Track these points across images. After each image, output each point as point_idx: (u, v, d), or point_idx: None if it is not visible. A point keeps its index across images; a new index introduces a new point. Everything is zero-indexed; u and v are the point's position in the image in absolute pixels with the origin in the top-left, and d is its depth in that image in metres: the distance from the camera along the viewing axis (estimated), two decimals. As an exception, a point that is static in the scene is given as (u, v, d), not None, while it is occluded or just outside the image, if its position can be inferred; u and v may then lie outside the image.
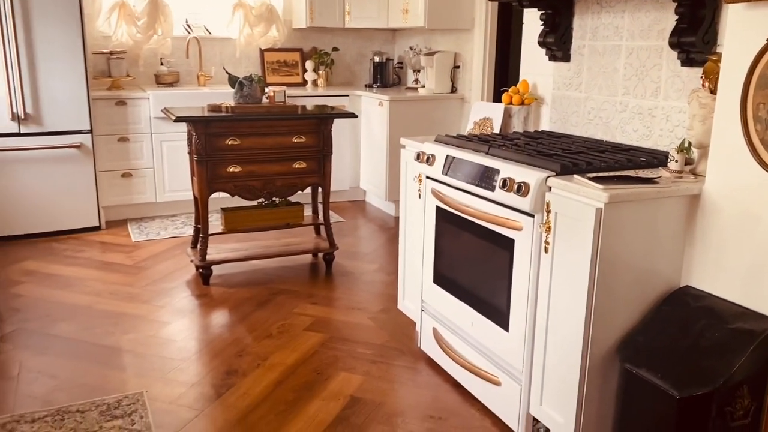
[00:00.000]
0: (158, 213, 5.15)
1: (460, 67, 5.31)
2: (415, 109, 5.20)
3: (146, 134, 4.92)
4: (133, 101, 4.86)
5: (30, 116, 4.41)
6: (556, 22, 2.85)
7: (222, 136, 3.67)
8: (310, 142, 3.88)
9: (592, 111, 2.80)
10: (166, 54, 5.43)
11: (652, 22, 2.46)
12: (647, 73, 2.50)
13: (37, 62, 4.34)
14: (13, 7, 4.20)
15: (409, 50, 5.85)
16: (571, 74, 2.89)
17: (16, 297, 3.56)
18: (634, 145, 2.56)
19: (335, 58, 6.08)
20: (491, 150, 2.47)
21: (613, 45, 2.65)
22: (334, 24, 5.70)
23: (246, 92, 3.86)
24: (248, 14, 5.63)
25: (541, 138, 2.75)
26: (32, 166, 4.47)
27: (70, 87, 4.46)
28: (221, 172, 3.71)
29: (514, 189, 2.17)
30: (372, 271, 4.08)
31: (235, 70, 5.66)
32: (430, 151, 2.73)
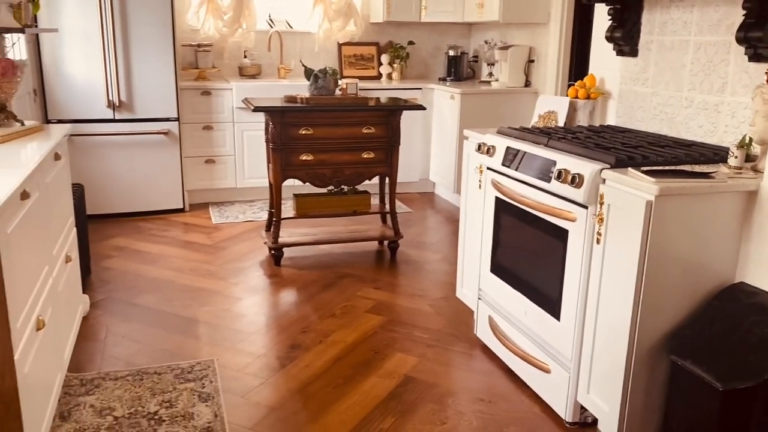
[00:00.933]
0: (237, 198, 5.44)
1: (535, 61, 5.30)
2: (487, 102, 5.24)
3: (228, 123, 5.21)
4: (217, 92, 5.15)
5: (123, 104, 4.76)
6: (624, 17, 2.85)
7: (296, 125, 3.86)
8: (379, 133, 4.02)
9: (657, 106, 2.78)
10: (250, 47, 5.70)
11: (721, 17, 2.43)
12: (714, 69, 2.48)
13: (131, 54, 4.69)
14: (112, 4, 4.55)
15: (484, 44, 5.88)
16: (638, 69, 2.88)
17: (107, 270, 3.89)
18: (698, 141, 2.54)
19: (410, 52, 6.18)
20: (550, 142, 2.51)
21: (681, 40, 2.63)
22: (411, 18, 5.81)
23: (320, 84, 4.03)
24: (328, 9, 5.82)
25: (604, 132, 2.77)
26: (124, 151, 4.83)
27: (160, 77, 4.79)
28: (294, 160, 3.90)
29: (569, 180, 2.22)
30: (435, 260, 4.18)
31: (313, 64, 5.87)
32: (490, 143, 2.80)
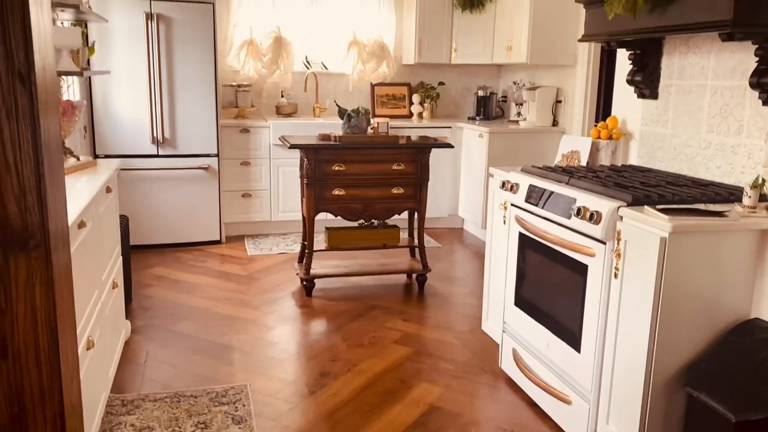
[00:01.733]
0: (272, 231, 5.63)
1: (562, 101, 5.43)
2: (515, 141, 5.37)
3: (265, 159, 5.43)
4: (255, 129, 5.39)
5: (167, 140, 5.03)
6: (644, 62, 2.97)
7: (329, 162, 4.04)
8: (409, 169, 4.17)
9: (677, 147, 2.88)
10: (287, 87, 5.96)
11: (736, 63, 2.54)
12: (731, 112, 2.57)
13: (175, 94, 4.96)
14: (159, 45, 4.84)
15: (512, 84, 6.04)
16: (658, 111, 2.99)
17: (147, 298, 4.07)
18: (716, 181, 2.63)
19: (441, 92, 6.37)
20: (571, 181, 2.62)
21: (698, 84, 2.74)
22: (441, 60, 6.01)
23: (353, 123, 4.22)
24: (361, 52, 6.06)
25: (625, 171, 2.87)
26: (166, 184, 5.07)
27: (202, 115, 5.05)
28: (327, 195, 4.07)
29: (588, 217, 2.32)
30: (462, 294, 4.27)
31: (347, 103, 6.10)
32: (514, 180, 2.92)
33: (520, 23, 5.27)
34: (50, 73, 1.05)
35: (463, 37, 5.89)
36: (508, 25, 5.47)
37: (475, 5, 5.69)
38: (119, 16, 4.72)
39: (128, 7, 4.73)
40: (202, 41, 4.94)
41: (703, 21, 2.26)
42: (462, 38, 5.90)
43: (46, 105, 1.02)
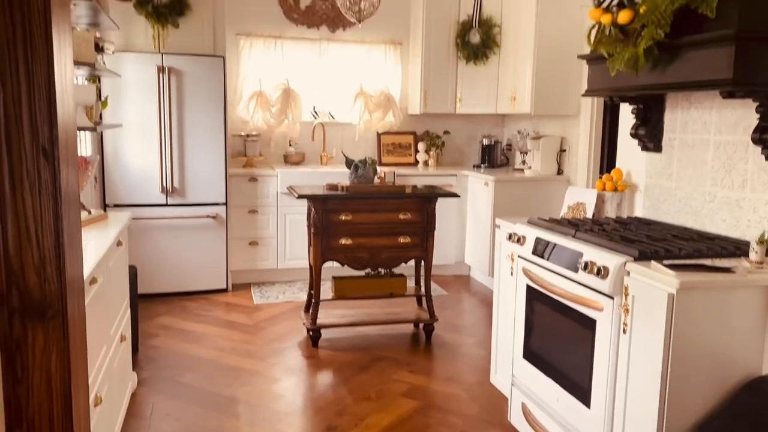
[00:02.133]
0: (278, 278, 5.63)
1: (567, 150, 5.49)
2: (520, 189, 5.41)
3: (273, 207, 5.48)
4: (263, 178, 5.45)
5: (176, 189, 5.09)
6: (647, 117, 3.02)
7: (337, 211, 4.08)
8: (415, 218, 4.20)
9: (682, 200, 2.90)
10: (295, 137, 6.05)
11: (737, 118, 2.58)
12: (734, 166, 2.60)
13: (185, 144, 5.05)
14: (170, 98, 4.95)
15: (517, 133, 6.11)
16: (662, 164, 3.02)
17: (153, 348, 4.06)
18: (721, 234, 2.64)
19: (446, 140, 6.45)
20: (578, 234, 2.64)
21: (701, 139, 2.78)
22: (446, 110, 6.11)
23: (360, 173, 4.27)
24: (368, 102, 6.17)
25: (631, 224, 2.88)
26: (174, 233, 5.11)
27: (211, 165, 5.12)
28: (334, 244, 4.10)
29: (595, 271, 2.33)
30: (470, 344, 4.24)
31: (353, 152, 6.18)
32: (521, 232, 2.94)
33: (523, 74, 5.38)
34: (72, 146, 1.09)
35: (467, 87, 6.00)
36: (512, 77, 5.58)
37: (478, 57, 5.81)
38: (132, 69, 4.84)
39: (141, 61, 4.86)
40: (212, 93, 5.04)
41: (704, 79, 2.30)
42: (466, 89, 6.00)
43: (67, 177, 1.05)
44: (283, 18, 5.96)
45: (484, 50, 5.78)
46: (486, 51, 5.78)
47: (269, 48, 5.91)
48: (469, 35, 5.83)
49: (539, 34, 5.16)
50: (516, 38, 5.50)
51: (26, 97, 0.97)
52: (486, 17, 5.78)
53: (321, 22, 6.06)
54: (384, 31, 6.15)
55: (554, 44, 5.15)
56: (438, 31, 5.95)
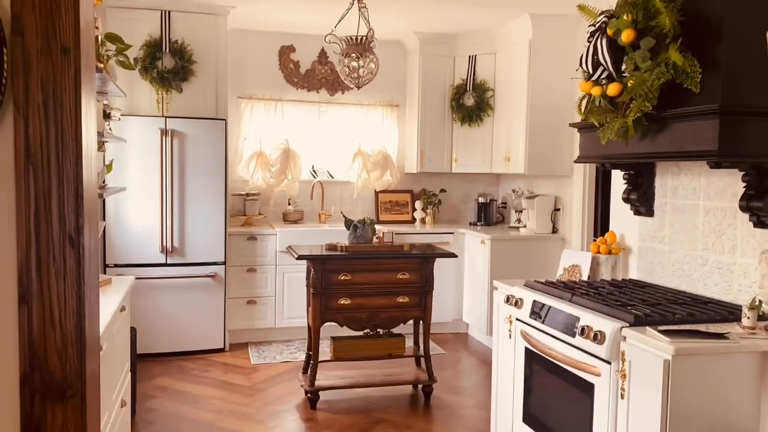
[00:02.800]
0: (276, 338, 5.62)
1: (561, 209, 5.59)
2: (516, 248, 5.47)
3: (271, 266, 5.52)
4: (262, 237, 5.51)
5: (176, 249, 5.14)
6: (638, 182, 3.12)
7: (336, 271, 4.12)
8: (414, 278, 4.24)
9: (675, 263, 2.97)
10: (294, 195, 6.15)
11: (725, 185, 2.68)
12: (724, 232, 2.68)
13: (186, 204, 5.12)
14: (172, 159, 5.05)
15: (511, 192, 6.23)
16: (654, 228, 3.10)
17: (151, 410, 4.03)
18: (714, 298, 2.69)
19: (442, 198, 6.55)
20: (574, 298, 2.69)
21: (691, 204, 2.87)
22: (442, 169, 6.23)
23: (359, 233, 4.34)
24: (366, 161, 6.30)
25: (626, 287, 2.94)
26: (172, 292, 5.13)
27: (211, 224, 5.19)
28: (333, 304, 4.12)
29: (592, 337, 2.37)
30: (469, 406, 4.22)
31: (351, 209, 6.27)
32: (518, 295, 2.99)
33: (516, 136, 5.52)
34: (95, 232, 1.15)
35: (462, 148, 6.14)
36: (506, 138, 5.72)
37: (473, 119, 5.98)
38: (136, 132, 4.95)
39: (145, 124, 4.98)
40: (213, 154, 5.15)
41: (691, 150, 2.40)
42: (462, 149, 6.14)
43: (89, 262, 1.11)
44: (284, 82, 6.14)
45: (479, 113, 5.94)
46: (480, 113, 5.94)
47: (270, 110, 6.07)
48: (464, 98, 6.01)
49: (531, 98, 5.33)
50: (509, 102, 5.67)
51: (56, 190, 1.04)
52: (479, 81, 5.97)
53: (320, 85, 6.24)
54: (381, 93, 6.33)
55: (546, 108, 5.30)
56: (433, 93, 6.13)
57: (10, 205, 1.04)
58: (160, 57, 5.02)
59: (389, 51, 6.21)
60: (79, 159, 1.06)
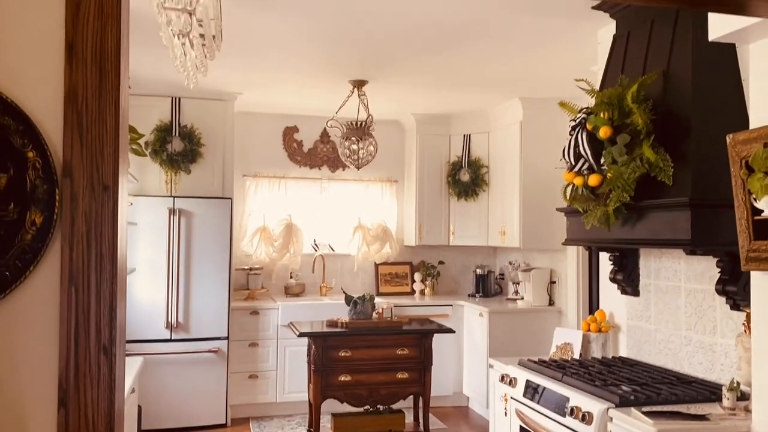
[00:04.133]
0: (277, 412, 5.66)
1: (556, 282, 5.73)
2: (513, 320, 5.58)
3: (273, 340, 5.62)
4: (264, 311, 5.64)
5: (180, 325, 5.25)
6: (623, 263, 3.28)
7: (336, 348, 4.24)
8: (412, 354, 4.35)
9: (661, 342, 3.10)
10: (296, 269, 6.30)
11: (703, 269, 2.84)
12: (704, 313, 2.83)
13: (192, 280, 5.27)
14: (179, 237, 5.24)
15: (508, 264, 6.38)
16: (641, 308, 3.25)
17: (153, 488, 4.06)
18: (698, 377, 2.81)
19: (441, 270, 6.70)
20: (564, 378, 2.81)
21: (674, 285, 3.02)
22: (440, 242, 6.41)
23: (359, 309, 4.48)
24: (366, 235, 6.49)
25: (615, 365, 3.06)
26: (175, 367, 5.21)
27: (215, 300, 5.32)
28: (334, 381, 4.22)
29: (580, 417, 2.48)
30: (469, 482, 4.25)
31: (352, 282, 6.41)
32: (513, 374, 3.10)
33: (510, 211, 5.72)
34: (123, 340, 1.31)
35: (459, 221, 6.34)
36: (500, 213, 5.93)
37: (469, 194, 6.20)
38: (145, 212, 5.16)
39: (154, 204, 5.19)
40: (219, 231, 5.34)
41: (667, 238, 2.58)
42: (459, 223, 6.34)
43: (120, 367, 1.26)
44: (287, 160, 6.41)
45: (474, 188, 6.17)
46: (476, 189, 6.17)
47: (273, 187, 6.31)
48: (460, 174, 6.25)
49: (524, 175, 5.55)
50: (503, 178, 5.91)
51: (94, 307, 1.21)
52: (474, 158, 6.23)
53: (322, 163, 6.50)
54: (381, 170, 6.58)
55: (538, 185, 5.52)
56: (431, 170, 6.38)
57: (54, 320, 1.20)
58: (170, 140, 5.29)
59: (388, 130, 6.50)
60: (114, 279, 1.23)
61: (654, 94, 2.77)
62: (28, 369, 1.19)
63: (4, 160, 1.19)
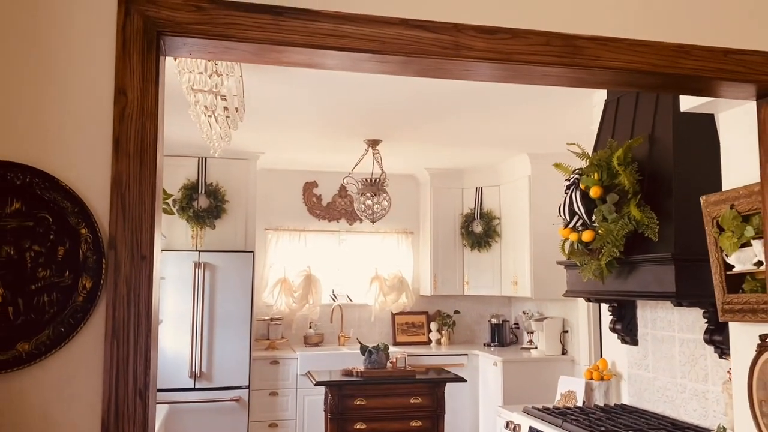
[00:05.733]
0: (296, 460, 5.78)
1: (569, 331, 5.84)
2: (527, 369, 5.69)
3: (292, 389, 5.79)
4: (284, 361, 5.83)
5: (204, 374, 5.46)
6: (622, 314, 3.44)
7: (352, 396, 4.40)
8: (426, 403, 4.50)
9: (660, 389, 3.23)
10: (315, 319, 6.51)
11: (693, 320, 3.00)
12: (696, 361, 2.97)
13: (215, 331, 5.50)
14: (204, 289, 5.50)
15: (522, 314, 6.52)
16: (639, 356, 3.39)
17: None
18: (693, 423, 2.94)
19: (457, 320, 6.85)
20: (564, 424, 2.96)
21: (668, 335, 3.18)
22: (455, 292, 6.59)
23: (374, 359, 4.65)
24: (383, 285, 6.70)
25: (615, 412, 3.19)
26: (199, 416, 5.39)
27: (237, 350, 5.53)
28: (349, 429, 4.37)
29: (577, 462, 2.63)
30: None
31: (368, 331, 6.58)
32: (517, 421, 3.25)
33: (522, 262, 5.90)
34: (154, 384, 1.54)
35: (473, 271, 6.52)
36: (512, 263, 6.11)
37: (482, 245, 6.40)
38: (172, 266, 5.44)
39: (180, 258, 5.48)
40: (241, 283, 5.59)
41: (655, 291, 2.76)
42: (473, 272, 6.52)
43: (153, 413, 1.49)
44: (307, 213, 6.70)
45: (487, 239, 6.37)
46: (488, 240, 6.37)
47: (294, 239, 6.58)
48: (472, 226, 6.47)
49: (533, 227, 5.75)
50: (514, 229, 6.11)
51: (132, 357, 1.44)
52: (486, 210, 6.45)
53: (340, 216, 6.78)
54: (396, 222, 6.82)
55: (548, 236, 5.67)
56: (444, 222, 6.61)
57: (99, 368, 1.43)
58: (197, 198, 5.61)
59: (403, 183, 6.77)
60: (149, 333, 1.46)
61: (640, 156, 3.00)
62: (78, 409, 1.42)
63: (62, 236, 1.45)
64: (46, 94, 1.48)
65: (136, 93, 1.51)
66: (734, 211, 2.23)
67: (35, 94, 1.47)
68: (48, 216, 1.45)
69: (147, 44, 1.51)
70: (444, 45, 1.67)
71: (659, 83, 1.90)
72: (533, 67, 1.72)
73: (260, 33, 1.58)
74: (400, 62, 1.72)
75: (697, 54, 1.80)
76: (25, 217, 1.44)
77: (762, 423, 2.23)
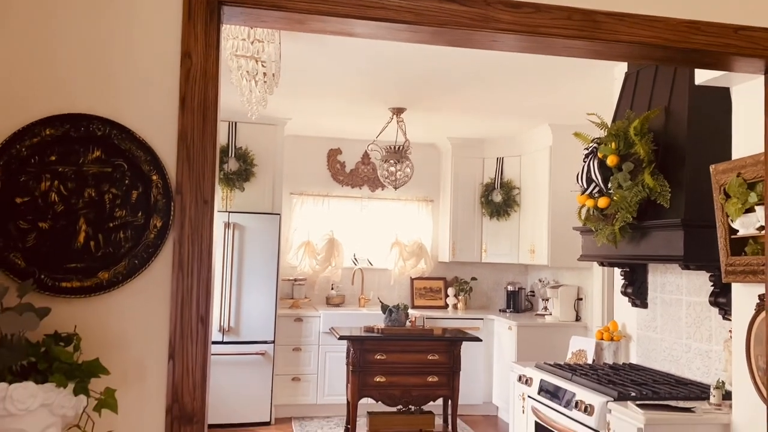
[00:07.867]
0: (317, 413, 6.08)
1: (583, 299, 6.03)
2: (540, 334, 5.90)
3: (315, 346, 6.06)
4: (307, 318, 6.09)
5: (231, 328, 5.74)
6: (633, 278, 3.62)
7: (372, 351, 4.65)
8: (442, 359, 4.73)
9: (666, 349, 3.42)
10: (336, 281, 6.76)
11: (701, 283, 3.17)
12: (702, 323, 3.15)
13: (243, 288, 5.77)
14: (233, 249, 5.75)
15: (538, 281, 6.70)
16: (648, 318, 3.57)
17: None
18: (696, 380, 3.13)
19: (473, 286, 7.06)
20: (574, 377, 3.16)
21: (676, 298, 3.35)
22: (473, 259, 6.78)
23: (394, 317, 4.89)
24: (402, 251, 6.91)
25: (622, 370, 3.39)
26: (226, 369, 5.69)
27: (263, 306, 5.80)
28: (370, 381, 4.62)
29: (583, 409, 2.84)
30: (493, 480, 4.58)
31: (388, 295, 6.82)
32: (529, 375, 3.47)
33: (540, 231, 6.07)
34: (209, 315, 1.76)
35: (491, 239, 6.70)
36: (530, 232, 6.28)
37: (501, 214, 6.57)
38: (202, 224, 5.68)
39: (211, 217, 5.72)
40: (268, 244, 5.84)
41: (665, 255, 2.93)
42: (490, 240, 6.71)
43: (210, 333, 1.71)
44: (331, 180, 6.90)
45: (506, 208, 6.54)
46: (507, 209, 6.53)
47: (318, 204, 6.80)
48: (492, 195, 6.63)
49: (552, 197, 5.90)
50: (533, 199, 6.26)
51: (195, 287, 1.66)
52: (506, 180, 6.60)
53: (363, 182, 6.98)
54: (417, 190, 7.01)
55: (566, 206, 5.82)
56: (464, 191, 6.78)
57: (167, 296, 1.65)
58: (227, 161, 5.83)
59: (425, 152, 6.94)
60: (209, 267, 1.67)
61: (656, 128, 3.14)
62: (149, 331, 1.65)
63: (136, 182, 1.66)
64: (123, 56, 1.68)
65: (200, 57, 1.70)
66: (740, 178, 2.38)
67: (113, 56, 1.67)
68: (124, 163, 1.66)
69: (209, 13, 1.70)
70: (473, 17, 1.83)
71: (672, 57, 2.05)
72: (555, 39, 1.88)
73: (308, 4, 1.76)
74: (432, 32, 1.89)
75: (708, 30, 1.94)
76: (104, 164, 1.65)
77: (758, 376, 2.41)
